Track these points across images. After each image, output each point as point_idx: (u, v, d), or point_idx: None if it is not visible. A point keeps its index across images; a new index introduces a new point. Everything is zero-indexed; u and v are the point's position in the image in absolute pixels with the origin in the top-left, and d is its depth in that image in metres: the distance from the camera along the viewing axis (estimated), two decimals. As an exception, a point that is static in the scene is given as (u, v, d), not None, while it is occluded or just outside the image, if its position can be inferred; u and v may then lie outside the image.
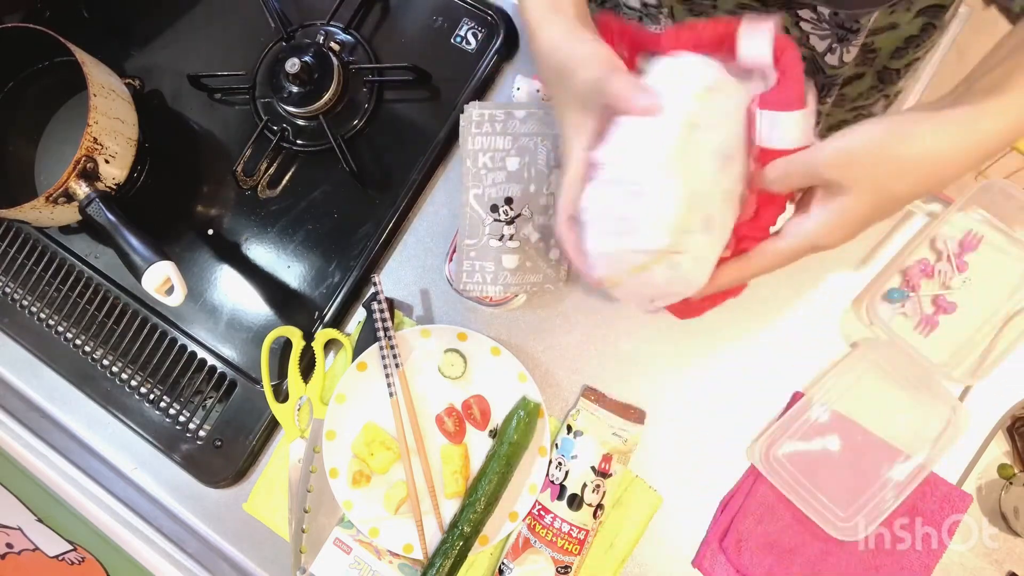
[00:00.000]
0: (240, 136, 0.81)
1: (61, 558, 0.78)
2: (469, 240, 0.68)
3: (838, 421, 0.67)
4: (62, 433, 0.79)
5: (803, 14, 0.66)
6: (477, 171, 0.68)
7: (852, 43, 0.67)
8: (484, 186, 0.68)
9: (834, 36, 0.67)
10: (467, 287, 0.67)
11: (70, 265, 0.81)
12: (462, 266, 0.68)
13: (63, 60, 0.77)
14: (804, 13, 0.65)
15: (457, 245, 0.69)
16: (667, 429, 0.70)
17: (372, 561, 0.68)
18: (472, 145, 0.68)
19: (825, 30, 0.67)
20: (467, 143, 0.69)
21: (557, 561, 0.65)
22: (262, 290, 0.79)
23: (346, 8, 0.80)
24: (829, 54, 0.69)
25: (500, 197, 0.67)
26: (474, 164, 0.68)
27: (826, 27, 0.66)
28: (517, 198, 0.67)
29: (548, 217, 0.68)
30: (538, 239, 0.67)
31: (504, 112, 0.69)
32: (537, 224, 0.68)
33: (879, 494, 0.64)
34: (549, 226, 0.68)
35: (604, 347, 0.72)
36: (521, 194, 0.67)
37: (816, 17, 0.65)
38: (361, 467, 0.70)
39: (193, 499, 0.76)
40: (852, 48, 0.68)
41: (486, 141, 0.68)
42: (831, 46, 0.68)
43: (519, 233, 0.67)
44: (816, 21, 0.66)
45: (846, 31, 0.65)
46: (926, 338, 0.68)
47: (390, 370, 0.71)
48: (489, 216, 0.67)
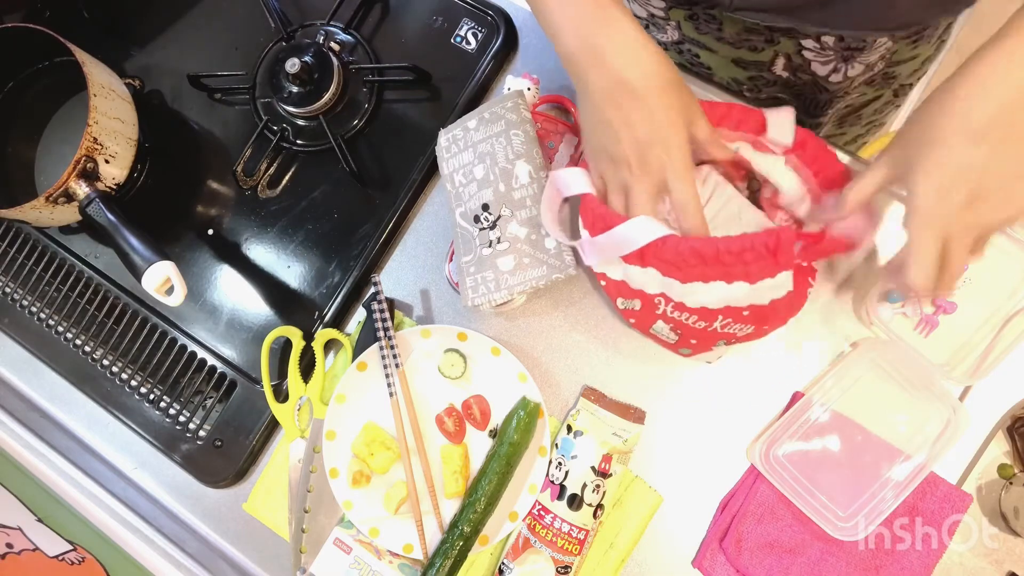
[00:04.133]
0: (240, 136, 0.81)
1: (61, 558, 0.78)
2: (465, 257, 0.68)
3: (838, 421, 0.67)
4: (62, 433, 0.79)
5: (806, 44, 0.65)
6: (456, 191, 0.70)
7: (857, 60, 0.67)
8: (464, 202, 0.69)
9: (839, 58, 0.67)
10: (475, 302, 0.67)
11: (70, 265, 0.81)
12: (466, 284, 0.68)
13: (63, 60, 0.77)
14: (807, 43, 0.65)
15: (457, 266, 0.69)
16: (667, 429, 0.70)
17: (372, 561, 0.69)
18: (447, 169, 0.71)
19: (828, 56, 0.67)
20: (443, 169, 0.72)
21: (557, 561, 0.65)
22: (262, 290, 0.79)
23: (346, 8, 0.80)
24: (833, 74, 0.69)
25: (478, 207, 0.68)
26: (452, 186, 0.71)
27: (830, 54, 0.66)
28: (492, 201, 0.67)
29: (529, 210, 0.67)
30: (527, 233, 0.67)
31: (461, 128, 0.71)
32: (521, 219, 0.67)
33: (879, 494, 0.64)
34: (533, 218, 0.67)
35: (604, 347, 0.72)
36: (494, 196, 0.67)
37: (819, 46, 0.65)
38: (361, 467, 0.70)
39: (193, 499, 0.76)
40: (857, 64, 0.68)
41: (455, 161, 0.71)
42: (835, 67, 0.68)
43: (505, 233, 0.67)
44: (819, 50, 0.66)
45: (851, 51, 0.65)
46: (926, 338, 0.68)
47: (390, 370, 0.71)
48: (475, 228, 0.68)
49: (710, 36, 0.70)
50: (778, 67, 0.71)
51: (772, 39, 0.67)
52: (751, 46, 0.68)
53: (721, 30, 0.67)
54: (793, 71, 0.72)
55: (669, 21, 0.72)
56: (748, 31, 0.66)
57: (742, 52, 0.70)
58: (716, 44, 0.70)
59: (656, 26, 0.74)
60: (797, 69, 0.71)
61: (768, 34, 0.66)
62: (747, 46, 0.69)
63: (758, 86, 0.77)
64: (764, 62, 0.71)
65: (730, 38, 0.68)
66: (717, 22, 0.67)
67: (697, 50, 0.74)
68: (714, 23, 0.67)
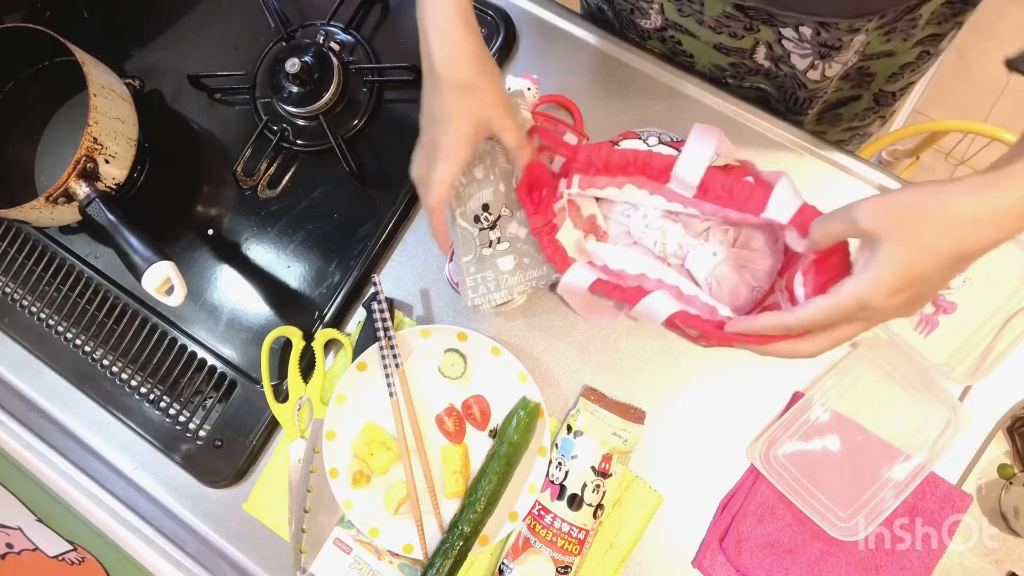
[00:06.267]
0: (240, 136, 0.81)
1: (61, 558, 0.78)
2: (465, 257, 0.68)
3: (838, 421, 0.67)
4: (62, 433, 0.79)
5: (785, 32, 0.66)
6: (456, 191, 0.69)
7: (835, 59, 0.67)
8: (464, 202, 0.69)
9: (816, 54, 0.67)
10: (475, 302, 0.67)
11: (70, 265, 0.81)
12: (466, 284, 0.68)
13: (63, 60, 0.77)
14: (787, 32, 0.66)
15: (457, 266, 0.69)
16: (667, 429, 0.70)
17: (372, 561, 0.69)
18: None
19: (807, 49, 0.67)
20: None
21: (557, 561, 0.65)
22: (262, 290, 0.79)
23: (346, 8, 0.80)
24: (811, 70, 0.70)
25: (478, 207, 0.68)
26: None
27: (807, 47, 0.66)
28: (492, 201, 0.68)
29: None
30: (527, 233, 0.67)
31: None
32: (521, 219, 0.67)
33: (879, 494, 0.64)
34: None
35: (604, 347, 0.72)
36: (494, 196, 0.68)
37: (798, 36, 0.65)
38: (361, 467, 0.70)
39: (193, 499, 0.76)
40: (835, 64, 0.68)
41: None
42: (813, 63, 0.69)
43: (505, 233, 0.67)
44: (798, 40, 0.66)
45: (828, 48, 0.65)
46: (926, 338, 0.68)
47: (390, 370, 0.71)
48: (475, 228, 0.68)
49: (692, 19, 0.70)
50: (759, 55, 0.72)
51: (751, 27, 0.67)
52: (731, 32, 0.69)
53: (702, 12, 0.68)
54: (774, 61, 0.72)
55: (652, 4, 0.72)
56: (728, 17, 0.67)
57: (723, 38, 0.70)
58: (698, 28, 0.71)
59: (640, 11, 0.75)
60: (778, 60, 0.71)
61: (747, 20, 0.66)
62: (727, 31, 0.69)
63: (740, 73, 0.77)
64: (745, 49, 0.71)
65: (711, 22, 0.69)
66: (699, 2, 0.67)
67: (680, 36, 0.74)
68: (696, 3, 0.67)
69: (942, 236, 0.44)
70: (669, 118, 0.75)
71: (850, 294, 0.46)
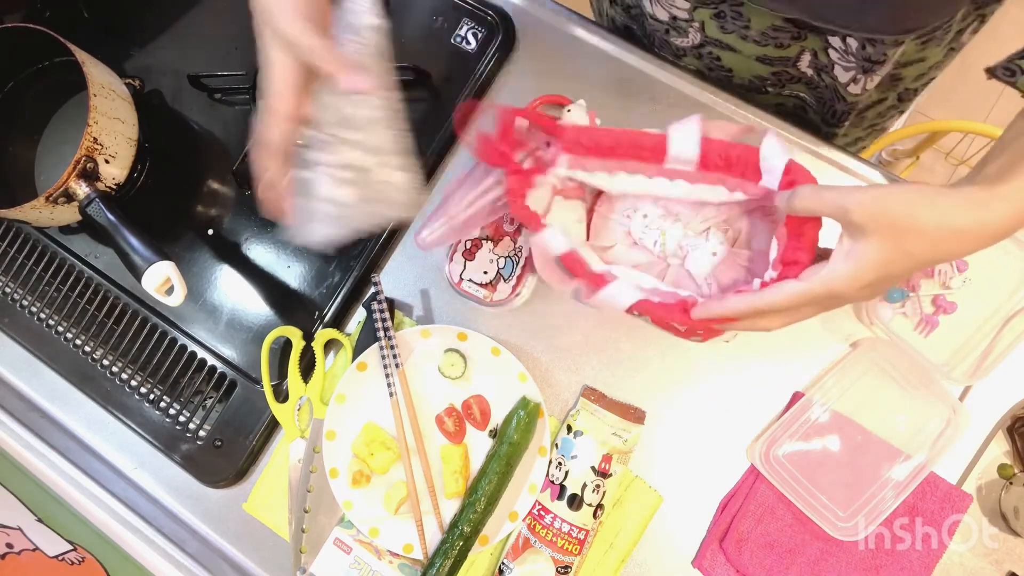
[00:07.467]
0: (240, 136, 0.81)
1: (61, 558, 0.78)
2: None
3: (838, 421, 0.67)
4: (62, 433, 0.79)
5: (833, 42, 0.66)
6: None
7: (876, 73, 0.67)
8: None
9: (859, 68, 0.67)
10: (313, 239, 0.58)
11: (70, 265, 0.81)
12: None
13: (63, 60, 0.77)
14: (834, 41, 0.65)
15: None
16: (667, 429, 0.70)
17: (372, 561, 0.69)
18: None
19: (851, 62, 0.67)
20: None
21: (557, 561, 0.65)
22: (262, 290, 0.79)
23: (346, 8, 0.80)
24: (852, 84, 0.69)
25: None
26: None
27: (852, 59, 0.66)
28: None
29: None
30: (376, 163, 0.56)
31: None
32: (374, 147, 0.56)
33: (879, 494, 0.64)
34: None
35: (604, 347, 0.72)
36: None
37: (844, 48, 0.65)
38: (361, 467, 0.70)
39: (193, 499, 0.76)
40: (875, 77, 0.68)
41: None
42: (855, 77, 0.68)
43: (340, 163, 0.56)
44: (843, 52, 0.66)
45: (872, 63, 0.65)
46: (926, 338, 0.68)
47: (390, 370, 0.71)
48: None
49: (735, 35, 0.69)
50: (803, 63, 0.71)
51: (799, 35, 0.67)
52: (778, 42, 0.68)
53: (748, 27, 0.67)
54: (817, 70, 0.72)
55: (692, 23, 0.71)
56: (776, 29, 0.66)
57: (768, 49, 0.70)
58: (741, 43, 0.70)
59: (678, 30, 0.73)
60: (821, 69, 0.71)
61: (795, 31, 0.66)
62: (774, 43, 0.69)
63: (782, 81, 0.76)
64: (790, 57, 0.71)
65: (756, 36, 0.68)
66: (744, 19, 0.66)
67: (719, 52, 0.73)
68: (741, 20, 0.67)
69: (927, 245, 0.44)
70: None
71: (823, 283, 0.47)
